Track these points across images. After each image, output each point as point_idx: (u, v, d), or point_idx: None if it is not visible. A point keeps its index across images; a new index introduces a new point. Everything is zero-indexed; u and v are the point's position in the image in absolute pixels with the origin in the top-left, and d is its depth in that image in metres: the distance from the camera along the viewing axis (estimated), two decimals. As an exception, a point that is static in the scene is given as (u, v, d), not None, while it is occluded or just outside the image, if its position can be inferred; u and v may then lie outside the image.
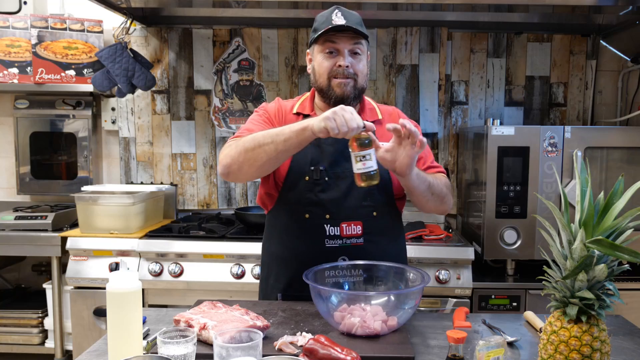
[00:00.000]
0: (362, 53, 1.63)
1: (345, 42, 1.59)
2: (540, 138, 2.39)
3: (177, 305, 2.51)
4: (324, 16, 1.61)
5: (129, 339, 1.17)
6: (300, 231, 1.63)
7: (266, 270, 1.77)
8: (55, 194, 3.20)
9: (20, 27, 2.94)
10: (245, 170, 1.51)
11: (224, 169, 1.54)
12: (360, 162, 1.40)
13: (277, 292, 1.69)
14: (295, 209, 1.63)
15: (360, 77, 1.62)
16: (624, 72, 3.07)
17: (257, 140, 1.47)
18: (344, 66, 1.58)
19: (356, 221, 1.60)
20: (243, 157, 1.49)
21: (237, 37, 3.11)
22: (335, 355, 1.15)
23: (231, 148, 1.53)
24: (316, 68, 1.64)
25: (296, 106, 1.71)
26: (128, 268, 2.53)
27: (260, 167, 1.50)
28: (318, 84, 1.64)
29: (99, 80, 2.81)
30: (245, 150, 1.48)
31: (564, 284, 1.07)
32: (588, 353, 1.04)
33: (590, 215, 1.05)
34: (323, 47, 1.60)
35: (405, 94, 3.08)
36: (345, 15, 1.59)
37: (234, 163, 1.51)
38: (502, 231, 2.44)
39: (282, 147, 1.44)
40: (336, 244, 1.61)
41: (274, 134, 1.46)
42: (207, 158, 3.18)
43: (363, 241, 1.61)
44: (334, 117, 1.36)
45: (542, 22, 3.06)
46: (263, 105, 1.74)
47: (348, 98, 1.61)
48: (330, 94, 1.61)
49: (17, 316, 2.89)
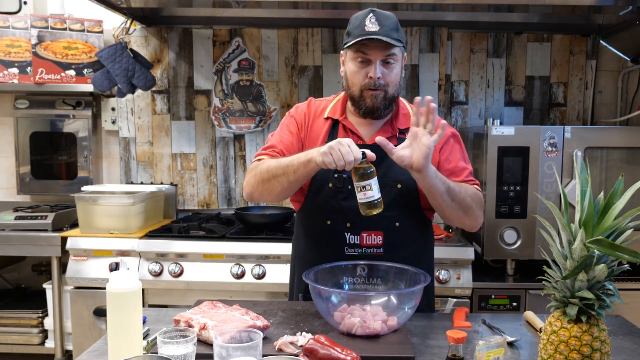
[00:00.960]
0: (396, 61, 1.56)
1: (377, 52, 1.53)
2: (540, 138, 2.39)
3: (177, 305, 2.51)
4: (358, 19, 1.55)
5: (129, 339, 1.17)
6: (322, 236, 1.64)
7: (293, 269, 1.79)
8: (55, 194, 3.20)
9: (20, 27, 2.94)
10: (267, 198, 1.60)
11: (247, 196, 1.63)
12: (361, 192, 1.42)
13: (300, 292, 1.71)
14: (318, 215, 1.63)
15: (391, 87, 1.57)
16: (624, 72, 3.07)
17: (271, 172, 1.53)
18: (375, 78, 1.54)
19: (377, 231, 1.59)
20: (262, 188, 1.56)
21: (237, 37, 3.11)
22: (335, 355, 1.15)
23: (251, 175, 1.59)
24: (348, 75, 1.60)
25: (328, 109, 1.69)
26: (128, 268, 2.53)
27: (279, 194, 1.56)
28: (350, 92, 1.61)
29: (99, 80, 2.81)
30: (262, 181, 1.55)
31: (564, 284, 1.07)
32: (588, 353, 1.04)
33: (590, 215, 1.05)
34: (355, 56, 1.55)
35: (405, 94, 3.08)
36: (379, 20, 1.52)
37: (255, 191, 1.59)
38: (502, 231, 2.44)
39: (293, 178, 1.50)
40: (356, 253, 1.60)
41: (285, 166, 1.50)
42: (207, 158, 3.18)
43: (383, 251, 1.59)
44: (331, 152, 1.37)
45: (542, 22, 3.05)
46: (293, 111, 1.73)
47: (378, 110, 1.59)
48: (361, 104, 1.59)
49: (17, 316, 2.88)
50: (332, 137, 1.62)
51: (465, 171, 1.65)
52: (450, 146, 1.66)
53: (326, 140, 1.62)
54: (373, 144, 1.58)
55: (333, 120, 1.66)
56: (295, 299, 1.74)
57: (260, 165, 1.57)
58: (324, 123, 1.67)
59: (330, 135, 1.64)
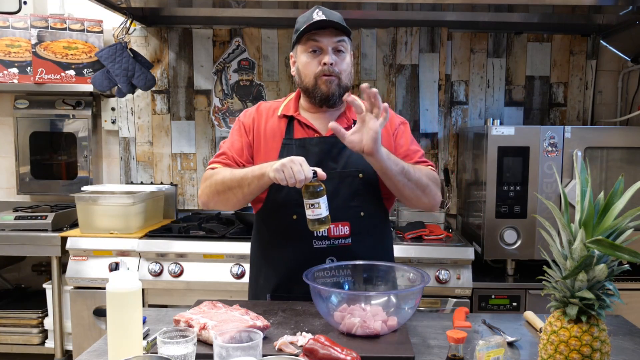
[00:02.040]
0: (346, 51, 1.62)
1: (328, 39, 1.58)
2: (540, 138, 2.39)
3: (177, 305, 2.51)
4: (305, 16, 1.61)
5: (129, 339, 1.17)
6: (288, 232, 1.64)
7: (255, 271, 1.77)
8: (55, 194, 3.20)
9: (20, 27, 2.94)
10: (222, 207, 1.65)
11: (203, 204, 1.66)
12: (310, 209, 1.45)
13: (267, 292, 1.70)
14: (283, 211, 1.63)
15: (344, 75, 1.62)
16: (624, 72, 3.07)
17: (225, 184, 1.56)
18: (328, 63, 1.58)
19: (344, 222, 1.60)
20: (217, 198, 1.60)
21: (237, 37, 3.11)
22: (335, 355, 1.15)
23: (206, 185, 1.62)
24: (301, 69, 1.64)
25: (281, 108, 1.71)
26: (128, 268, 2.53)
27: (235, 205, 1.61)
28: (304, 84, 1.64)
29: (99, 80, 2.81)
30: (217, 192, 1.59)
31: (564, 284, 1.07)
32: (588, 353, 1.04)
33: (590, 215, 1.05)
34: (306, 47, 1.60)
35: (405, 94, 3.09)
36: (326, 14, 1.58)
37: (210, 201, 1.63)
38: (502, 231, 2.44)
39: (248, 191, 1.54)
40: (324, 245, 1.61)
41: (240, 179, 1.53)
42: (207, 158, 3.18)
43: (351, 242, 1.61)
44: (283, 169, 1.40)
45: (542, 22, 3.06)
46: (241, 116, 1.76)
47: (333, 96, 1.61)
48: (316, 92, 1.61)
49: (17, 316, 2.88)
50: (289, 133, 1.66)
51: (418, 153, 1.70)
52: (401, 132, 1.71)
53: (284, 137, 1.65)
54: (330, 135, 1.61)
55: (288, 117, 1.68)
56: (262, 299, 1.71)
57: (215, 176, 1.59)
58: (279, 121, 1.69)
59: (288, 132, 1.66)
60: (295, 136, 1.65)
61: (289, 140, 1.65)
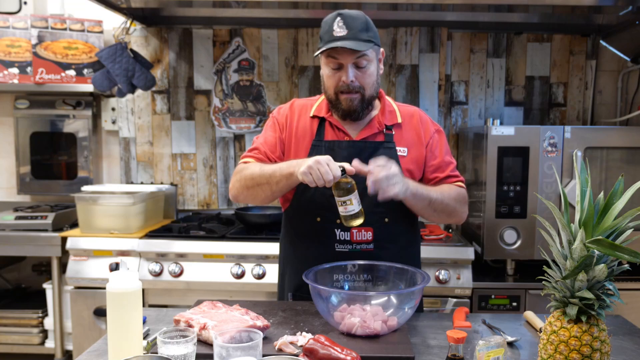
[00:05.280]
0: (369, 62, 1.57)
1: (347, 56, 1.53)
2: (540, 138, 2.39)
3: (177, 305, 2.51)
4: (327, 24, 1.55)
5: (129, 339, 1.17)
6: (312, 234, 1.64)
7: (282, 269, 1.79)
8: (55, 194, 3.21)
9: (20, 27, 2.94)
10: (251, 202, 1.67)
11: (233, 198, 1.67)
12: (342, 206, 1.46)
13: (289, 291, 1.72)
14: (308, 212, 1.64)
15: (367, 88, 1.59)
16: (624, 72, 3.07)
17: (255, 180, 1.57)
18: (347, 82, 1.56)
19: (367, 227, 1.59)
20: (246, 193, 1.61)
21: (237, 37, 3.11)
22: (335, 355, 1.15)
23: (237, 179, 1.63)
24: (324, 80, 1.63)
25: (313, 108, 1.70)
26: (128, 268, 2.53)
27: (263, 200, 1.61)
28: (327, 95, 1.64)
29: (99, 80, 2.81)
30: (246, 187, 1.59)
31: (564, 284, 1.07)
32: (588, 353, 1.04)
33: (590, 215, 1.05)
34: (327, 61, 1.58)
35: (405, 94, 3.09)
36: (347, 23, 1.51)
37: (239, 195, 1.64)
38: (502, 231, 2.44)
39: (276, 188, 1.54)
40: (346, 249, 1.61)
41: (269, 176, 1.53)
42: (207, 158, 3.18)
43: (373, 247, 1.61)
44: (310, 172, 1.41)
45: (542, 22, 3.05)
46: (275, 112, 1.74)
47: (355, 112, 1.60)
48: (338, 107, 1.61)
49: (17, 316, 2.89)
50: (320, 134, 1.65)
51: (450, 166, 1.69)
52: (436, 141, 1.70)
53: (314, 138, 1.65)
54: (360, 140, 1.62)
55: (319, 118, 1.68)
56: (285, 299, 1.74)
57: (245, 171, 1.60)
58: (310, 122, 1.68)
59: (318, 133, 1.66)
60: (325, 138, 1.65)
61: (319, 141, 1.64)
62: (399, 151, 1.63)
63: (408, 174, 1.61)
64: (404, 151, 1.64)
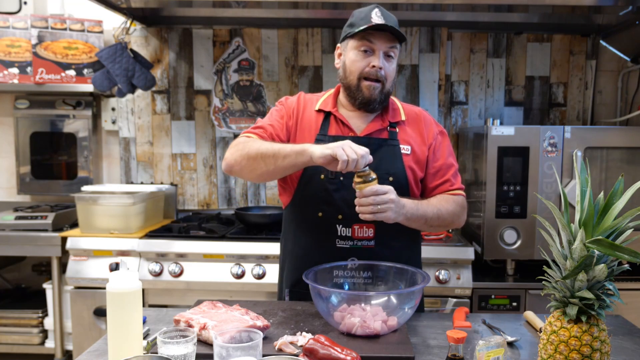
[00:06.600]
0: (395, 57, 1.61)
1: (382, 42, 1.56)
2: (540, 138, 2.39)
3: (177, 305, 2.51)
4: (363, 12, 1.58)
5: (129, 339, 1.17)
6: (313, 229, 1.63)
7: (282, 266, 1.78)
8: (55, 194, 3.21)
9: (20, 27, 2.94)
10: (245, 175, 1.58)
11: (226, 167, 1.58)
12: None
13: (287, 287, 1.70)
14: (309, 207, 1.63)
15: (388, 81, 1.60)
16: (624, 72, 3.07)
17: (260, 150, 1.50)
18: (377, 67, 1.56)
19: (368, 224, 1.58)
20: (245, 163, 1.53)
21: (237, 37, 3.11)
22: (335, 355, 1.15)
23: (237, 148, 1.55)
24: (347, 65, 1.61)
25: (319, 102, 1.69)
26: (128, 268, 2.53)
27: (259, 176, 1.54)
28: (347, 81, 1.62)
29: (99, 80, 2.81)
30: (248, 157, 1.51)
31: (564, 284, 1.07)
32: (588, 353, 1.04)
33: (590, 215, 1.05)
34: (359, 44, 1.58)
35: (405, 94, 3.09)
36: (385, 15, 1.57)
37: (236, 165, 1.55)
38: (502, 231, 2.44)
39: (281, 163, 1.47)
40: (347, 245, 1.60)
41: (277, 149, 1.48)
42: (207, 158, 3.18)
43: (374, 244, 1.60)
44: (343, 147, 1.37)
45: (542, 22, 3.05)
46: (283, 100, 1.74)
47: (374, 102, 1.60)
48: (358, 94, 1.60)
49: (17, 316, 2.89)
50: (324, 129, 1.65)
51: (451, 169, 1.68)
52: (439, 143, 1.69)
53: (318, 132, 1.64)
54: (364, 136, 1.62)
55: (325, 112, 1.67)
56: (283, 295, 1.73)
57: (250, 142, 1.55)
58: (316, 115, 1.67)
59: (322, 127, 1.65)
60: (329, 133, 1.64)
61: (323, 136, 1.63)
62: (403, 149, 1.63)
63: (410, 172, 1.62)
64: (408, 149, 1.64)
